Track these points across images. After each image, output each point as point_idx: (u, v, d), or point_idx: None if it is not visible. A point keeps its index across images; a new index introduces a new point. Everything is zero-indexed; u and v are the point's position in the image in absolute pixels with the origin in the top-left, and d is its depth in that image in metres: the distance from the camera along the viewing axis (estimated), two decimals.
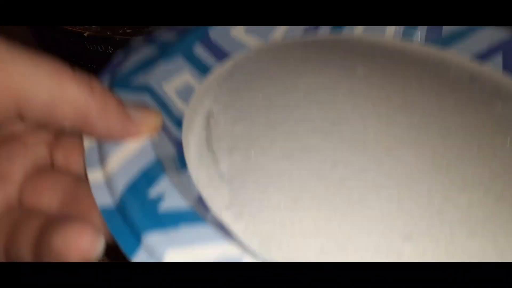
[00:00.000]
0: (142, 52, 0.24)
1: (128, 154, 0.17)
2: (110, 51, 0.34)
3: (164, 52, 0.24)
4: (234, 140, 0.21)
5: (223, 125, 0.22)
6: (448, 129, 0.23)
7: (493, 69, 0.29)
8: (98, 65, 0.36)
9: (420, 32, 0.31)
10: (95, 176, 0.17)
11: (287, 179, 0.19)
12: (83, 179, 0.18)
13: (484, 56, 0.29)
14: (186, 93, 0.24)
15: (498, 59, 0.29)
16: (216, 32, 0.27)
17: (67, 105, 0.15)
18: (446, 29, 0.30)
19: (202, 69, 0.26)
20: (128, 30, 0.40)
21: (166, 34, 0.26)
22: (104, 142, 0.18)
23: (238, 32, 0.28)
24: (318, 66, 0.26)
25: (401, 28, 0.31)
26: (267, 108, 0.23)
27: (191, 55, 0.25)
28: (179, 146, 0.20)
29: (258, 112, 0.23)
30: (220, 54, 0.27)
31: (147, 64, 0.22)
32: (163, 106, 0.21)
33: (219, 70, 0.26)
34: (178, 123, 0.22)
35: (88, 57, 0.36)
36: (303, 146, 0.21)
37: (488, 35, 0.29)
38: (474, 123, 0.24)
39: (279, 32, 0.29)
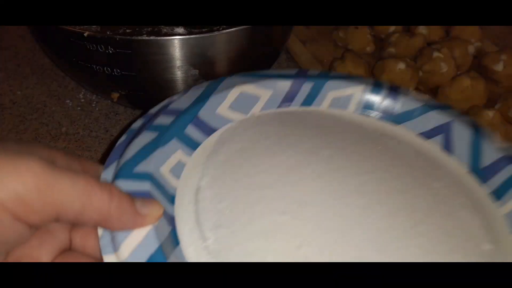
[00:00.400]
0: (141, 139, 0.27)
1: (136, 242, 0.21)
2: (110, 51, 0.34)
3: (161, 138, 0.27)
4: (218, 217, 0.25)
5: (209, 202, 0.26)
6: (392, 208, 0.26)
7: (434, 147, 0.32)
8: (98, 65, 0.36)
9: (376, 108, 0.34)
10: (109, 261, 0.20)
11: (261, 257, 0.23)
12: (99, 261, 0.21)
13: (428, 135, 0.33)
14: (179, 170, 0.27)
15: (439, 139, 0.32)
16: (204, 112, 0.30)
17: (94, 212, 0.19)
18: (398, 108, 0.34)
19: (192, 145, 0.29)
20: (128, 30, 0.41)
21: (162, 118, 0.29)
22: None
23: (222, 109, 0.32)
24: (291, 145, 0.30)
25: (361, 103, 0.34)
26: (247, 187, 0.27)
27: (183, 136, 0.29)
28: (173, 223, 0.24)
29: (239, 190, 0.26)
30: (208, 130, 0.30)
31: (146, 152, 0.26)
32: (160, 188, 0.25)
33: (206, 145, 0.30)
34: (173, 200, 0.25)
35: (88, 57, 0.36)
36: (275, 225, 0.24)
37: (434, 117, 0.33)
38: (414, 202, 0.27)
39: (258, 107, 0.33)
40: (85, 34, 0.34)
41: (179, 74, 0.37)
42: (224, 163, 0.28)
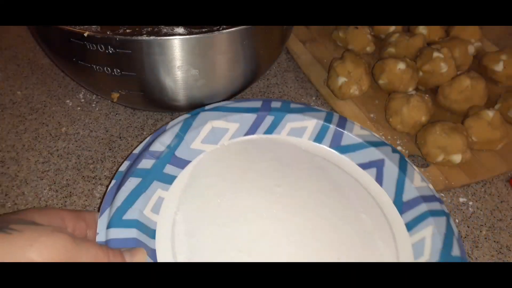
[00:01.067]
0: (128, 186, 0.32)
1: None
2: (110, 51, 0.34)
3: (143, 183, 0.33)
4: (190, 250, 0.31)
5: (183, 235, 0.31)
6: (324, 244, 0.32)
7: (369, 178, 0.38)
8: (98, 65, 0.36)
9: (326, 140, 0.41)
10: None
11: None
12: None
13: (365, 166, 0.39)
14: (158, 206, 0.33)
15: (373, 172, 0.39)
16: (180, 150, 0.36)
17: None
18: (343, 141, 0.40)
19: (169, 180, 0.35)
20: (128, 30, 0.41)
21: (144, 161, 0.34)
22: None
23: (196, 144, 0.37)
24: (251, 181, 0.36)
25: (314, 134, 0.41)
26: (213, 223, 0.32)
27: (161, 175, 0.34)
28: (155, 255, 0.30)
29: (206, 227, 0.32)
30: (183, 164, 0.36)
31: (132, 199, 0.31)
32: (144, 228, 0.30)
33: (181, 178, 0.35)
34: (154, 233, 0.31)
35: (88, 57, 0.36)
36: (233, 261, 0.30)
37: (371, 152, 0.39)
38: (343, 237, 0.33)
39: (226, 137, 0.39)
40: (85, 34, 0.34)
41: (179, 74, 0.37)
42: (195, 199, 0.34)
